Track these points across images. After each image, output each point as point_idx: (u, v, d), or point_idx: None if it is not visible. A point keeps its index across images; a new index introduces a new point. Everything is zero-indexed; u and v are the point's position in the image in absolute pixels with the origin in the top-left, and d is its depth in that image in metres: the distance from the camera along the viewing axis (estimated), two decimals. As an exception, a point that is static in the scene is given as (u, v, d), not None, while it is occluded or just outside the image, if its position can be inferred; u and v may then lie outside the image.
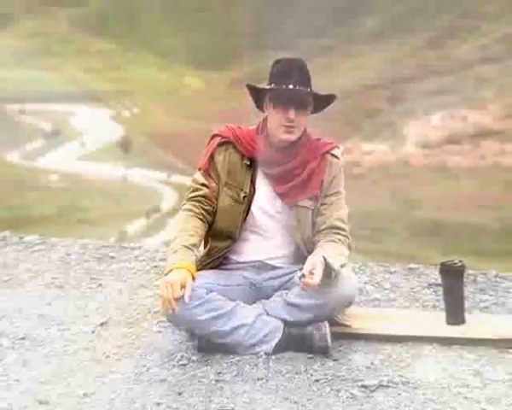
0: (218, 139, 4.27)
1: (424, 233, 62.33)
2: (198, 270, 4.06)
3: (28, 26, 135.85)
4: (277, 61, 4.17)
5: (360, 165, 76.53)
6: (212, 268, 4.27)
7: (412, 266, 5.62)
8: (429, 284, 5.20)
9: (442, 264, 4.28)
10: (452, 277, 4.23)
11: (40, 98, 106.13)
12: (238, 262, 4.29)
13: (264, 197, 4.23)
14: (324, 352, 3.99)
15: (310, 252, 4.16)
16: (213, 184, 4.24)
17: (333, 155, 4.26)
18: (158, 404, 3.54)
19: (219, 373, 3.81)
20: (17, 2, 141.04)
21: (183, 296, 3.86)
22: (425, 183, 71.74)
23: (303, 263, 4.22)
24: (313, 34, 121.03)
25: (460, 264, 4.23)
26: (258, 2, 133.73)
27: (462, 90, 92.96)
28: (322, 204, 4.21)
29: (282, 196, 4.21)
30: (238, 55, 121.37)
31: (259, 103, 4.25)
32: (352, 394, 3.58)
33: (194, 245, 4.05)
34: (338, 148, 4.31)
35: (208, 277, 4.13)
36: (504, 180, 71.17)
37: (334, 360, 3.95)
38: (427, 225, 63.74)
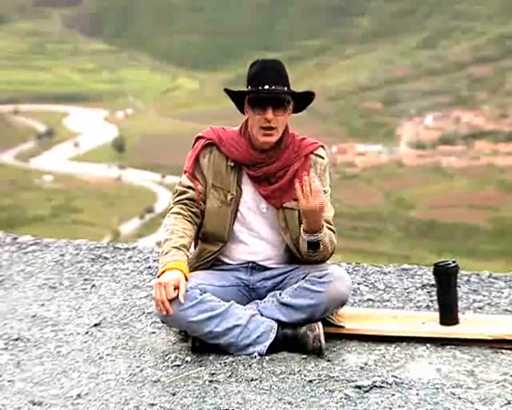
0: (202, 141, 4.28)
1: (418, 234, 62.48)
2: (189, 271, 4.06)
3: (22, 27, 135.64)
4: (254, 64, 4.18)
5: (354, 165, 76.62)
6: (203, 270, 4.27)
7: (406, 266, 5.63)
8: (423, 285, 5.20)
9: (435, 264, 4.29)
10: (446, 277, 4.24)
11: (34, 99, 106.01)
12: (230, 264, 4.30)
13: (251, 198, 4.24)
14: (318, 352, 3.99)
15: (300, 253, 4.16)
16: (199, 187, 4.24)
17: (317, 154, 4.25)
18: (152, 405, 3.54)
19: (213, 374, 3.82)
20: (11, 3, 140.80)
21: (176, 297, 3.87)
22: (418, 183, 71.84)
23: (296, 263, 4.23)
24: (307, 35, 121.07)
25: (453, 264, 4.23)
26: (252, 3, 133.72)
27: (456, 91, 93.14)
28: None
29: (266, 197, 4.21)
30: (232, 56, 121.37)
31: (241, 107, 4.25)
32: (345, 394, 3.58)
33: (184, 246, 4.05)
34: (323, 147, 4.30)
35: (202, 277, 4.13)
36: (498, 180, 71.36)
37: (327, 361, 3.95)
38: (420, 225, 63.87)
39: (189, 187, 4.24)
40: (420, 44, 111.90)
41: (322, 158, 4.25)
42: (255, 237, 4.27)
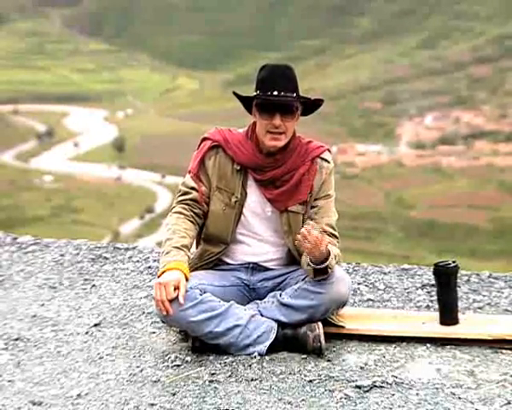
0: (208, 143, 4.26)
1: (418, 234, 62.50)
2: (190, 271, 4.06)
3: (22, 27, 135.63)
4: (263, 68, 4.17)
5: (354, 165, 76.65)
6: (204, 270, 4.27)
7: (406, 266, 5.63)
8: (423, 285, 5.20)
9: (436, 264, 4.29)
10: (446, 277, 4.23)
11: (34, 99, 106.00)
12: (231, 264, 4.30)
13: (256, 201, 4.23)
14: (318, 352, 3.99)
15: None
16: (203, 188, 4.23)
17: (323, 158, 4.24)
18: (152, 405, 3.54)
19: (213, 374, 3.81)
20: (11, 3, 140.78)
21: (176, 297, 3.87)
22: (418, 183, 71.88)
23: (297, 265, 4.23)
24: (307, 35, 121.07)
25: (453, 264, 4.23)
26: (252, 3, 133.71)
27: (456, 91, 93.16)
28: (312, 207, 4.21)
29: (271, 201, 4.21)
30: (231, 56, 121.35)
31: (249, 108, 4.25)
32: (345, 394, 3.58)
33: (185, 246, 4.05)
34: (329, 151, 4.30)
35: (202, 277, 4.13)
36: (498, 180, 71.42)
37: (327, 361, 3.95)
38: (420, 225, 63.89)
39: (193, 188, 4.23)
40: (420, 44, 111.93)
41: (328, 162, 4.25)
42: (258, 240, 4.27)
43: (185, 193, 4.24)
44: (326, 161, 4.24)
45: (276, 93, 4.04)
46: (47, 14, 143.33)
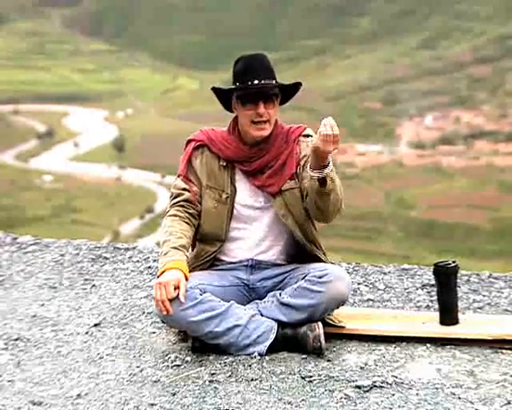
0: (193, 144, 4.32)
1: (418, 234, 62.46)
2: (189, 272, 4.06)
3: (22, 27, 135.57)
4: (238, 60, 4.22)
5: (354, 165, 76.61)
6: (202, 270, 4.28)
7: (406, 266, 5.63)
8: (423, 285, 5.20)
9: (436, 264, 4.29)
10: (446, 277, 4.24)
11: (34, 99, 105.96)
12: (230, 263, 4.30)
13: (246, 194, 4.26)
14: (318, 352, 3.99)
15: (308, 238, 4.19)
16: (194, 188, 4.26)
17: (305, 135, 4.26)
18: (152, 405, 3.54)
19: (213, 374, 3.82)
20: (11, 3, 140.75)
21: (176, 297, 3.87)
22: (418, 183, 71.86)
23: (296, 258, 4.24)
24: (307, 35, 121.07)
25: (453, 264, 4.23)
26: (252, 3, 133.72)
27: (456, 91, 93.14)
28: (304, 170, 4.12)
29: (262, 187, 4.23)
30: (232, 56, 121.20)
31: (227, 105, 4.28)
32: (345, 394, 3.58)
33: (183, 246, 4.06)
34: (308, 129, 4.31)
35: (202, 277, 4.13)
36: (498, 180, 71.36)
37: (327, 361, 3.95)
38: (420, 225, 63.86)
39: (184, 189, 4.26)
40: (420, 44, 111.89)
41: (311, 136, 4.24)
42: (253, 232, 4.28)
43: (178, 195, 4.26)
44: (308, 136, 4.26)
45: (256, 82, 4.09)
46: (47, 14, 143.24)
